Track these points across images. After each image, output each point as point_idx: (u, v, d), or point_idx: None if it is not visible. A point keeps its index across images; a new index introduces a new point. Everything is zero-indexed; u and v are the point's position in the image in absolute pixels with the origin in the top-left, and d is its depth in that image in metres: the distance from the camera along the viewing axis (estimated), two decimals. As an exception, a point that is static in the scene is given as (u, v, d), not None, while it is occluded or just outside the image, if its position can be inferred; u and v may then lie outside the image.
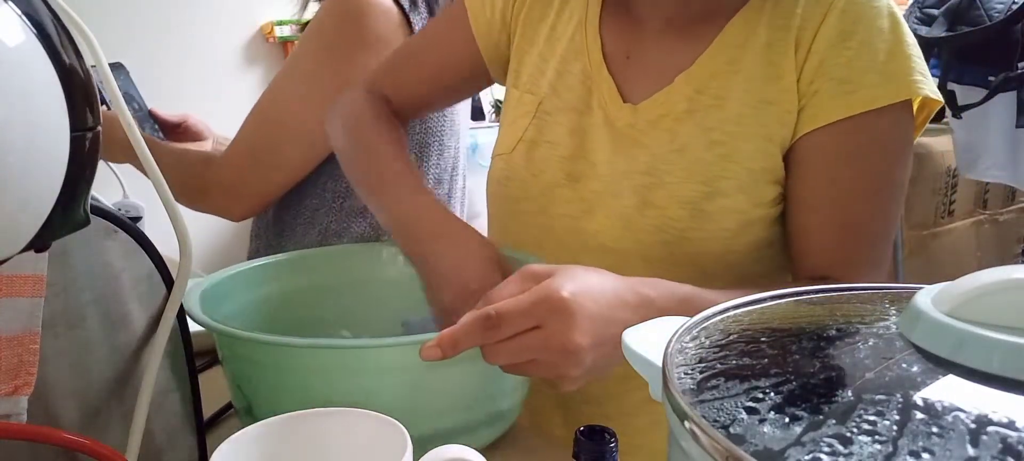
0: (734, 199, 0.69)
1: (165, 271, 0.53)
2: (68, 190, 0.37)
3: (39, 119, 0.35)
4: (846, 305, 0.38)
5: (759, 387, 0.28)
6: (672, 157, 0.70)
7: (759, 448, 0.25)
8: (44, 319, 0.45)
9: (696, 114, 0.70)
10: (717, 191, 0.69)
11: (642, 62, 0.75)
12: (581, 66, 0.76)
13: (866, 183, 0.69)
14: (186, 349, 0.55)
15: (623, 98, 0.74)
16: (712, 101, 0.70)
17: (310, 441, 0.46)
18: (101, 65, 0.46)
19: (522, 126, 0.79)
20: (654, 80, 0.73)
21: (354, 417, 0.46)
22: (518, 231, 0.80)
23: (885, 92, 0.66)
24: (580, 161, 0.75)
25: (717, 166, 0.69)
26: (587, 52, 0.76)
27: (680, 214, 0.69)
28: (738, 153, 0.69)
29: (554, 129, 0.77)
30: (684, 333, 0.35)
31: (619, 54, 0.76)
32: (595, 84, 0.75)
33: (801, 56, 0.68)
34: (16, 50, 0.35)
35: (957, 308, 0.28)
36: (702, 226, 0.69)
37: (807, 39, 0.68)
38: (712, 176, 0.69)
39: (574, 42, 0.77)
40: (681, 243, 0.70)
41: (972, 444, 0.23)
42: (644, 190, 0.71)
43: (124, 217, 0.50)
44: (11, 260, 0.40)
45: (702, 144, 0.70)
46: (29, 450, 0.47)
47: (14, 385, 0.44)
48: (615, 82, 0.74)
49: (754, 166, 0.69)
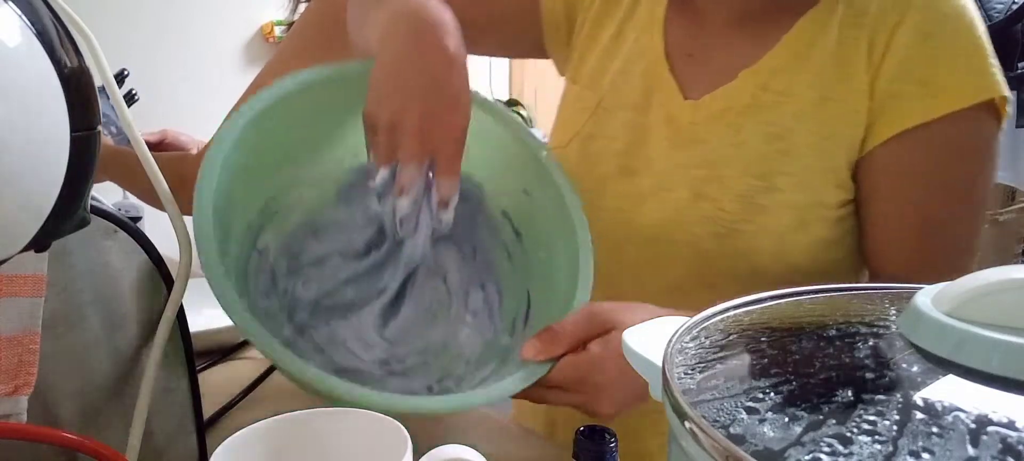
0: (791, 195, 0.67)
1: (165, 271, 0.53)
2: (68, 190, 0.37)
3: (39, 119, 0.35)
4: (846, 305, 0.38)
5: (759, 387, 0.28)
6: (731, 151, 0.69)
7: (759, 448, 0.25)
8: (44, 319, 0.45)
9: (759, 110, 0.69)
10: (773, 186, 0.67)
11: (704, 61, 0.74)
12: (643, 65, 0.76)
13: (949, 190, 0.66)
14: (186, 349, 0.55)
15: (685, 96, 0.73)
16: (775, 97, 0.69)
17: (310, 441, 0.46)
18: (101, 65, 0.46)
19: (579, 121, 0.78)
20: (716, 78, 0.72)
21: (354, 417, 0.46)
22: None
23: (970, 92, 0.63)
24: (635, 156, 0.75)
25: (775, 161, 0.68)
26: (650, 51, 0.76)
27: (733, 207, 0.68)
28: (796, 149, 0.67)
29: (611, 125, 0.76)
30: (684, 333, 0.35)
31: (681, 53, 0.75)
32: (656, 82, 0.75)
33: (876, 57, 0.65)
34: (16, 50, 0.35)
35: (957, 308, 0.28)
36: (755, 219, 0.68)
37: (883, 39, 0.65)
38: (769, 170, 0.68)
39: (639, 43, 0.77)
40: (733, 236, 0.69)
41: (972, 444, 0.23)
42: (699, 183, 0.70)
43: (124, 217, 0.50)
44: (11, 260, 0.40)
45: (761, 138, 0.68)
46: (29, 450, 0.47)
47: (14, 385, 0.44)
48: (677, 81, 0.74)
49: (813, 163, 0.67)
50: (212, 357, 0.86)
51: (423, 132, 0.57)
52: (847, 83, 0.66)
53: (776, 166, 0.67)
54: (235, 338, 0.89)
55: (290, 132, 0.64)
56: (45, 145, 0.36)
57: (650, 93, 0.75)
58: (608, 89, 0.77)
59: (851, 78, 0.66)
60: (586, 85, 0.80)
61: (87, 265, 0.48)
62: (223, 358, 0.87)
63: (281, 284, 0.67)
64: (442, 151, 0.58)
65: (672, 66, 0.74)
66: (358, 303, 0.68)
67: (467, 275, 0.71)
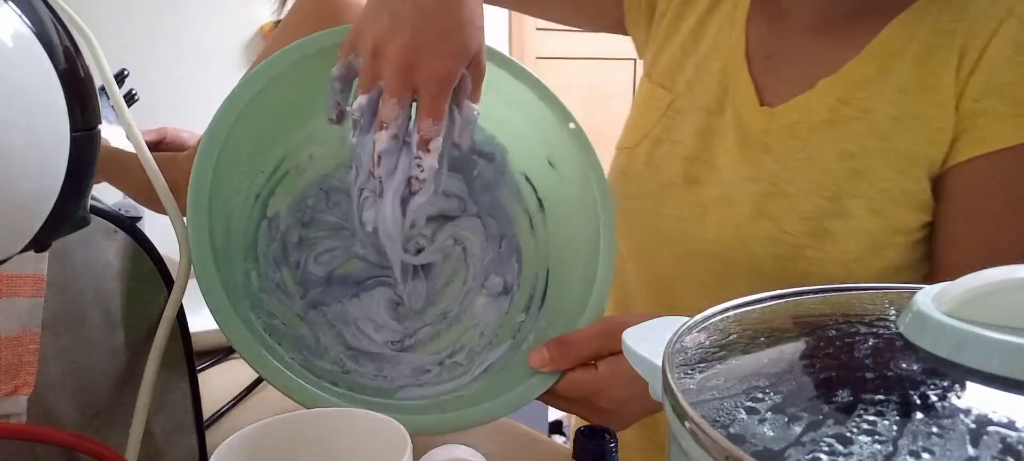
0: (863, 220, 0.62)
1: (165, 271, 0.53)
2: (68, 190, 0.37)
3: (39, 119, 0.35)
4: (846, 305, 0.38)
5: (759, 387, 0.28)
6: (798, 165, 0.65)
7: (759, 448, 0.25)
8: (44, 319, 0.45)
9: (836, 125, 0.64)
10: (843, 210, 0.62)
11: (785, 62, 0.69)
12: (721, 65, 0.72)
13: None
14: (186, 349, 0.55)
15: (760, 101, 0.69)
16: (855, 112, 0.63)
17: (310, 441, 0.46)
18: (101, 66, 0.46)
19: (651, 121, 0.75)
20: (795, 83, 0.67)
21: (354, 417, 0.46)
22: (629, 230, 0.76)
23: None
24: (701, 163, 0.71)
25: (846, 182, 0.62)
26: (729, 50, 0.72)
27: (797, 229, 0.64)
28: (871, 171, 0.62)
29: (681, 128, 0.73)
30: (684, 333, 0.35)
31: (761, 54, 0.70)
32: (733, 84, 0.71)
33: (966, 69, 0.60)
34: (16, 50, 0.35)
35: (957, 308, 0.28)
36: (821, 245, 0.63)
37: (975, 50, 0.59)
38: (839, 192, 0.62)
39: (717, 41, 0.73)
40: (796, 260, 0.64)
41: (972, 444, 0.23)
42: (761, 198, 0.66)
43: (124, 217, 0.50)
44: (11, 260, 0.40)
45: (833, 155, 0.63)
46: (29, 450, 0.47)
47: (14, 385, 0.44)
48: (755, 84, 0.69)
49: (890, 186, 0.61)
50: (212, 357, 0.86)
51: (406, 65, 0.53)
52: (932, 95, 0.61)
53: (847, 187, 0.62)
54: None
55: (301, 91, 0.61)
56: (45, 145, 0.36)
57: (724, 95, 0.71)
58: (682, 89, 0.74)
59: (937, 90, 0.61)
60: (660, 82, 0.76)
61: (87, 265, 0.48)
62: (223, 358, 0.87)
63: (293, 256, 0.67)
64: (425, 89, 0.54)
65: (751, 67, 0.70)
66: (369, 281, 0.68)
67: (488, 244, 0.70)
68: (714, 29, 0.74)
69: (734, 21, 0.73)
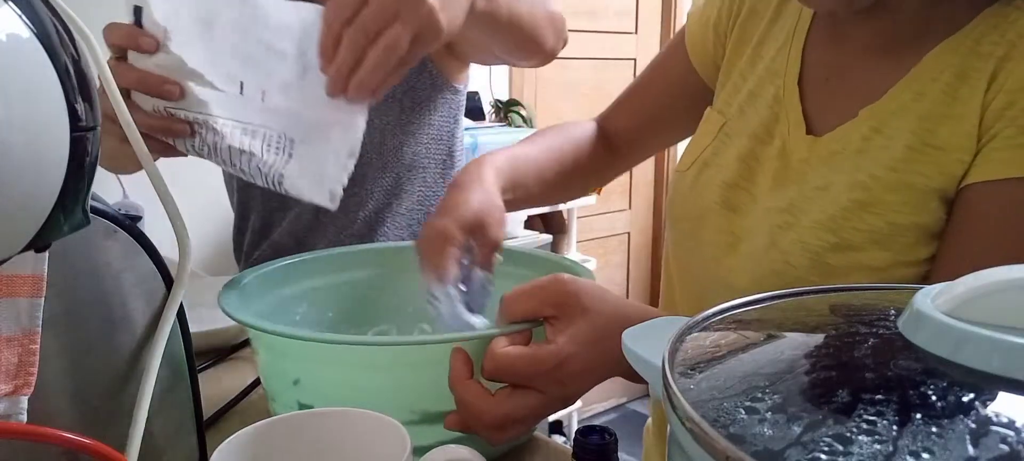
0: (868, 254, 0.59)
1: (165, 271, 0.52)
2: (68, 190, 0.37)
3: (39, 119, 0.35)
4: (846, 305, 0.38)
5: (759, 387, 0.28)
6: (813, 195, 0.62)
7: (759, 448, 0.25)
8: (44, 319, 0.45)
9: (862, 154, 0.61)
10: (846, 243, 0.59)
11: (840, 86, 0.66)
12: (774, 90, 0.70)
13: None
14: (186, 349, 0.55)
15: (808, 128, 0.66)
16: (884, 141, 0.60)
17: (310, 441, 0.46)
18: (101, 65, 0.46)
19: (702, 145, 0.75)
20: (843, 111, 0.64)
21: (354, 417, 0.46)
22: (675, 251, 0.77)
23: None
24: (741, 191, 0.69)
25: (851, 215, 0.60)
26: (784, 74, 0.69)
27: (801, 262, 0.62)
28: (879, 204, 0.59)
29: (727, 153, 0.72)
30: (684, 333, 0.35)
31: (818, 78, 0.68)
32: (784, 110, 0.68)
33: (992, 93, 0.56)
34: (16, 50, 0.35)
35: (957, 308, 0.28)
36: (824, 281, 0.60)
37: (1004, 74, 0.56)
38: (842, 225, 0.60)
39: (775, 63, 0.71)
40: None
41: (972, 444, 0.23)
42: (776, 230, 0.64)
43: (124, 217, 0.50)
44: (11, 260, 0.40)
45: (844, 185, 0.61)
46: (29, 450, 0.46)
47: (14, 385, 0.44)
48: (805, 110, 0.67)
49: (901, 221, 0.58)
50: (212, 357, 0.86)
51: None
52: (956, 124, 0.57)
53: (852, 221, 0.60)
54: (235, 338, 0.89)
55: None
56: (45, 145, 0.36)
57: (774, 123, 0.69)
58: (734, 113, 0.73)
59: (962, 118, 0.57)
60: (718, 107, 0.76)
61: (87, 265, 0.48)
62: (223, 358, 0.87)
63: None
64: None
65: (804, 93, 0.67)
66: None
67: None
68: (772, 52, 0.72)
69: (793, 42, 0.70)
